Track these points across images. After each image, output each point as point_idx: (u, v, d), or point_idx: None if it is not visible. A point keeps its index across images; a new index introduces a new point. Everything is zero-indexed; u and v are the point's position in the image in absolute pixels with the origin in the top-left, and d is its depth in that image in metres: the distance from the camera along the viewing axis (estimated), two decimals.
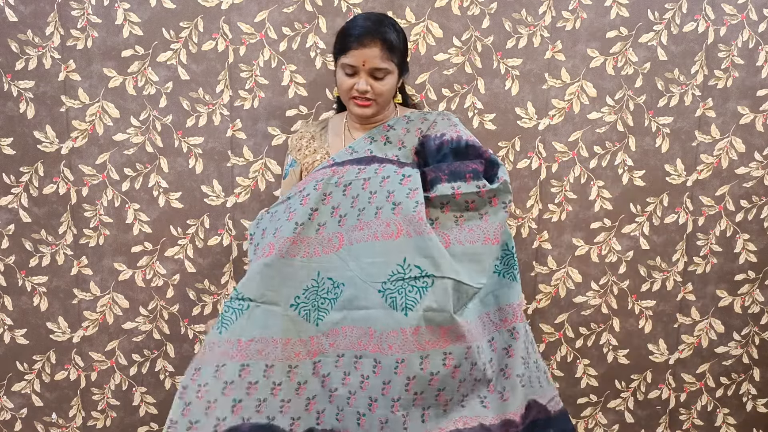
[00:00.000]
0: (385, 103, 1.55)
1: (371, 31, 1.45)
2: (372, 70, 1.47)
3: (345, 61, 1.48)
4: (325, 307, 1.40)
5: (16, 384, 1.91)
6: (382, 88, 1.49)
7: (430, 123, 1.56)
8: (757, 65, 1.90)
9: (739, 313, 2.02)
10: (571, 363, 2.00)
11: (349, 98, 1.52)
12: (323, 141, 1.61)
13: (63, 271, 1.87)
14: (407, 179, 1.42)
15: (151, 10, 1.78)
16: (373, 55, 1.45)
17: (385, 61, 1.47)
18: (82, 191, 1.85)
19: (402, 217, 1.37)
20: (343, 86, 1.51)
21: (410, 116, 1.59)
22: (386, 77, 1.49)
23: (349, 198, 1.45)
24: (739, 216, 1.97)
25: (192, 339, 1.93)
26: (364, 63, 1.46)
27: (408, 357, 1.32)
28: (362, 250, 1.39)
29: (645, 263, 1.97)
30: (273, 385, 1.36)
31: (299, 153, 1.62)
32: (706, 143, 1.93)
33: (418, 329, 1.33)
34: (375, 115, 1.56)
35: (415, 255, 1.35)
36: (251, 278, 1.38)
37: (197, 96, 1.83)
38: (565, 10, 1.85)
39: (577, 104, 1.89)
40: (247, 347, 1.35)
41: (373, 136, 1.56)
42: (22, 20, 1.76)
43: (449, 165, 1.47)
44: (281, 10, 1.81)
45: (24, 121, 1.80)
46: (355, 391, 1.36)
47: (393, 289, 1.34)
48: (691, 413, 2.06)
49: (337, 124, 1.65)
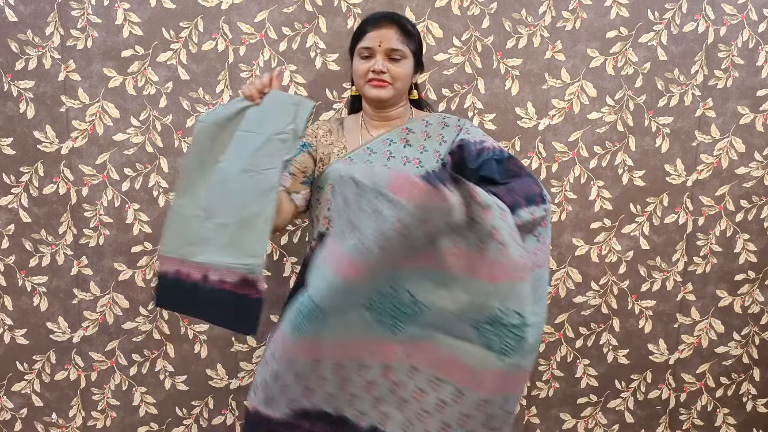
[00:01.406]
0: (401, 91, 1.54)
1: (388, 16, 1.53)
2: (388, 51, 1.49)
3: (361, 44, 1.50)
4: (402, 320, 1.29)
5: (16, 384, 1.91)
6: (398, 70, 1.50)
7: (459, 128, 1.55)
8: (757, 65, 1.90)
9: (739, 313, 2.02)
10: (571, 363, 2.00)
11: (365, 82, 1.51)
12: (340, 136, 1.60)
13: (63, 271, 1.87)
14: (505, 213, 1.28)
15: (151, 10, 1.78)
16: (389, 36, 1.48)
17: (402, 44, 1.49)
18: (82, 191, 1.85)
19: (507, 259, 1.23)
20: (359, 71, 1.51)
21: (429, 120, 1.58)
22: (402, 61, 1.50)
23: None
24: (739, 216, 1.97)
25: (192, 339, 1.93)
26: (380, 43, 1.48)
27: (492, 399, 1.30)
28: (456, 282, 1.24)
29: (645, 263, 1.97)
30: (342, 381, 1.34)
31: (315, 139, 1.58)
32: (706, 143, 1.93)
33: (509, 374, 1.29)
34: (390, 101, 1.54)
35: (515, 301, 1.25)
36: (332, 294, 1.24)
37: (197, 96, 1.83)
38: (565, 10, 1.85)
39: (577, 104, 1.89)
40: (318, 347, 1.30)
41: (391, 138, 1.55)
42: (22, 20, 1.76)
43: (521, 187, 1.38)
44: (281, 10, 1.81)
45: (24, 121, 1.81)
46: (430, 411, 1.33)
47: (491, 330, 1.26)
48: (691, 413, 2.06)
49: (353, 122, 1.63)
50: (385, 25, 1.50)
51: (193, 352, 1.94)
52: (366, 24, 1.52)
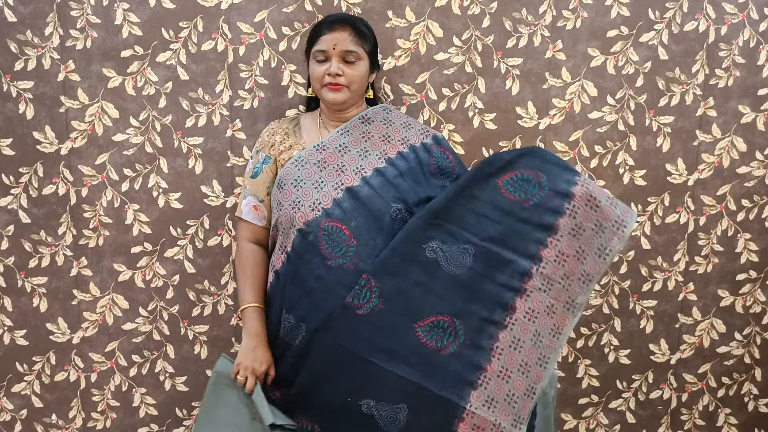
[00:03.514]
0: (357, 93, 1.58)
1: (341, 18, 1.56)
2: (343, 54, 1.52)
3: (316, 47, 1.54)
4: None
5: (16, 385, 1.91)
6: (353, 73, 1.53)
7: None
8: (758, 64, 1.90)
9: (741, 312, 2.01)
10: (572, 363, 2.00)
11: (321, 86, 1.55)
12: (298, 137, 1.62)
13: (63, 271, 1.87)
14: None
15: (150, 10, 1.78)
16: (343, 38, 1.51)
17: (356, 45, 1.52)
18: (81, 192, 1.84)
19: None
20: (315, 74, 1.54)
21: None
22: (357, 63, 1.54)
23: None
24: (741, 215, 1.96)
25: (192, 340, 1.92)
26: (335, 46, 1.51)
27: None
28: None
29: (646, 263, 1.97)
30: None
31: (273, 149, 1.61)
32: (707, 142, 1.93)
33: None
34: (347, 103, 1.58)
35: None
36: None
37: (197, 96, 1.82)
38: (565, 10, 1.84)
39: (577, 104, 1.89)
40: None
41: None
42: (21, 20, 1.76)
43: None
44: (281, 10, 1.80)
45: (23, 121, 1.80)
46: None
47: None
48: (692, 413, 2.06)
49: (310, 121, 1.66)
50: (339, 27, 1.52)
51: (193, 353, 1.93)
52: (321, 27, 1.55)
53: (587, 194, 1.41)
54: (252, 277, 1.59)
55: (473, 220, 1.43)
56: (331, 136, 1.58)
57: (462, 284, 1.42)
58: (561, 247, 1.41)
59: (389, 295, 1.42)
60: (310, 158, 1.54)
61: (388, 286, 1.42)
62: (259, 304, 1.57)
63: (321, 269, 1.47)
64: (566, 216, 1.41)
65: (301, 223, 1.49)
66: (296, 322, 1.50)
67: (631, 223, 1.41)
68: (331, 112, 1.62)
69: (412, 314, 1.42)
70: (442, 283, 1.42)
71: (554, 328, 1.41)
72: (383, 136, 1.59)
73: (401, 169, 1.56)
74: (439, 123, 1.87)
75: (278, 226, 1.56)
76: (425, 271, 1.42)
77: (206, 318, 1.92)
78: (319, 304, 1.47)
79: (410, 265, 1.43)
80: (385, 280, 1.43)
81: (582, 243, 1.41)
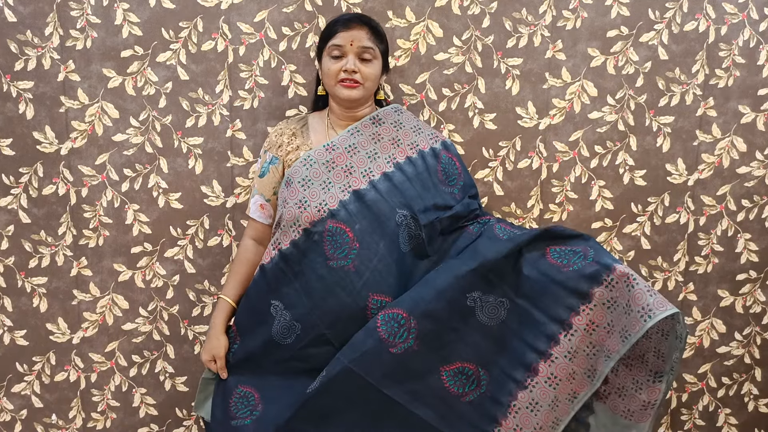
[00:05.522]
0: (370, 91, 1.58)
1: (358, 17, 1.57)
2: (360, 50, 1.53)
3: (333, 42, 1.53)
4: None
5: (16, 385, 1.91)
6: (369, 71, 1.54)
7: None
8: (758, 64, 1.90)
9: (741, 313, 2.01)
10: None
11: (336, 82, 1.54)
12: (305, 138, 1.62)
13: (63, 272, 1.87)
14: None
15: (150, 10, 1.78)
16: (360, 35, 1.52)
17: (373, 43, 1.54)
18: (81, 192, 1.84)
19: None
20: (330, 71, 1.54)
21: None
22: (373, 61, 1.55)
23: None
24: (741, 215, 1.96)
25: (192, 340, 1.92)
26: (352, 42, 1.52)
27: None
28: None
29: (646, 263, 1.97)
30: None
31: (280, 149, 1.62)
32: (707, 143, 1.93)
33: None
34: (360, 101, 1.58)
35: None
36: None
37: (197, 96, 1.82)
38: (565, 10, 1.84)
39: (577, 104, 1.89)
40: None
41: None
42: (21, 20, 1.76)
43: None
44: (281, 10, 1.80)
45: (23, 121, 1.80)
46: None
47: None
48: (692, 413, 2.06)
49: (318, 121, 1.66)
50: (355, 26, 1.53)
51: (193, 353, 1.93)
52: (336, 24, 1.55)
53: (627, 273, 1.37)
54: (237, 273, 1.64)
55: (515, 275, 1.44)
56: (341, 136, 1.57)
57: (492, 336, 1.43)
58: (593, 316, 1.39)
59: (426, 338, 1.41)
60: (319, 158, 1.54)
61: (427, 329, 1.41)
62: (232, 301, 1.62)
63: (323, 269, 1.47)
64: (603, 287, 1.38)
65: (307, 223, 1.49)
66: (291, 320, 1.50)
67: (658, 316, 1.29)
68: (342, 110, 1.61)
69: (441, 358, 1.43)
70: (473, 331, 1.43)
71: (571, 393, 1.41)
72: (393, 139, 1.59)
73: (409, 174, 1.56)
74: (439, 123, 1.87)
75: (279, 222, 1.56)
76: (462, 318, 1.43)
77: (206, 318, 1.92)
78: (318, 304, 1.48)
79: (451, 311, 1.42)
80: (425, 323, 1.41)
81: (613, 318, 1.37)
